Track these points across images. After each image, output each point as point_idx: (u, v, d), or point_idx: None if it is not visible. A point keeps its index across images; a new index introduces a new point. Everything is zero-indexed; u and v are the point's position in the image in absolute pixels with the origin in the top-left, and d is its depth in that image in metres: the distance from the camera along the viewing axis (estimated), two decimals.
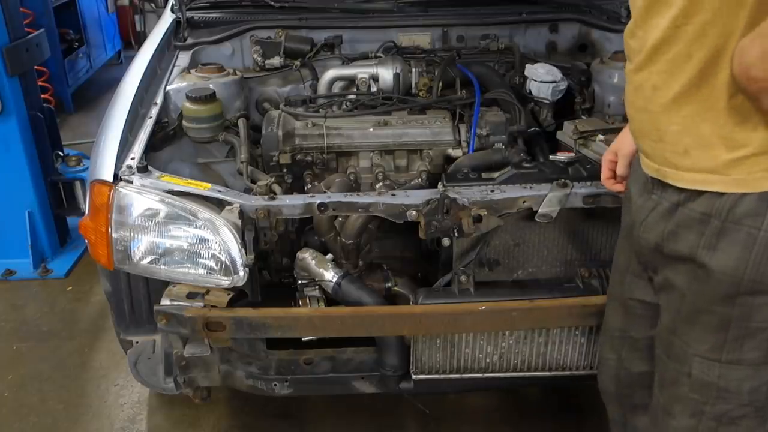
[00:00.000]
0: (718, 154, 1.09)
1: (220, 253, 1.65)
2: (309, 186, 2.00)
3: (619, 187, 1.52)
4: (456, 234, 1.68)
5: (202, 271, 1.69)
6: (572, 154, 1.85)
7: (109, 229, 1.67)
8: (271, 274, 1.96)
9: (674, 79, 1.10)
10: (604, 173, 1.55)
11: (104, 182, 1.71)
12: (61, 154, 3.36)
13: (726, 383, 1.21)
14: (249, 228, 1.66)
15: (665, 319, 1.29)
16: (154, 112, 2.00)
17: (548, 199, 1.67)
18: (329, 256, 1.85)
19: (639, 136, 1.25)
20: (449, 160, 2.01)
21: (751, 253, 1.09)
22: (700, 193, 1.13)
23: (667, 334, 1.28)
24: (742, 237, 1.09)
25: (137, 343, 1.93)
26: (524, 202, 1.68)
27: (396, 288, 1.90)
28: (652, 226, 1.23)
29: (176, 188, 1.68)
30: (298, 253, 1.85)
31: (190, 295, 1.71)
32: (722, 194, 1.10)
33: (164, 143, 2.00)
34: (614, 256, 1.50)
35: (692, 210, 1.14)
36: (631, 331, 1.47)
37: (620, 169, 1.49)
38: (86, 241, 1.78)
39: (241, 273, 1.67)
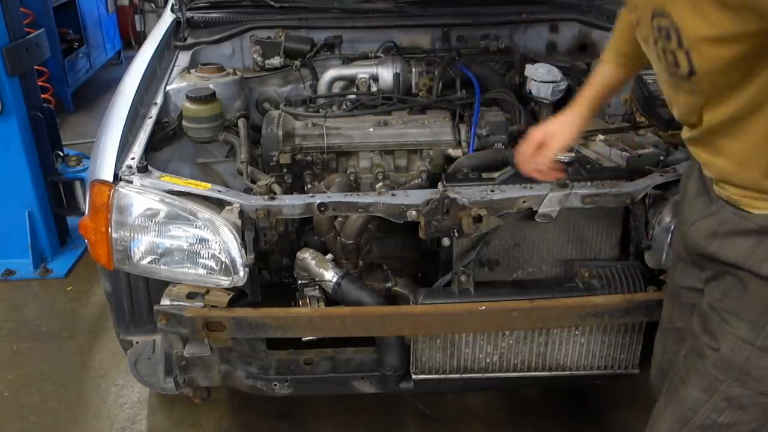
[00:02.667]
0: None
1: (220, 253, 1.65)
2: (309, 186, 2.00)
3: (537, 175, 1.56)
4: (456, 234, 1.68)
5: (202, 271, 1.69)
6: (572, 154, 1.85)
7: (109, 229, 1.67)
8: (271, 274, 1.96)
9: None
10: (525, 151, 1.57)
11: (104, 182, 1.71)
12: (61, 154, 3.35)
13: (750, 368, 1.20)
14: (249, 228, 1.66)
15: (709, 297, 1.29)
16: (154, 112, 2.00)
17: (548, 199, 1.67)
18: (329, 256, 1.85)
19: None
20: (449, 160, 2.01)
21: None
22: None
23: (708, 308, 1.28)
24: None
25: (137, 343, 1.93)
26: (524, 202, 1.68)
27: (396, 288, 1.90)
28: (703, 229, 1.24)
29: (176, 188, 1.68)
30: (298, 253, 1.84)
31: (190, 295, 1.71)
32: None
33: (164, 143, 2.00)
34: (672, 245, 1.49)
35: (752, 222, 1.15)
36: (677, 322, 1.47)
37: (544, 159, 1.53)
38: (86, 241, 1.78)
39: (241, 273, 1.67)
